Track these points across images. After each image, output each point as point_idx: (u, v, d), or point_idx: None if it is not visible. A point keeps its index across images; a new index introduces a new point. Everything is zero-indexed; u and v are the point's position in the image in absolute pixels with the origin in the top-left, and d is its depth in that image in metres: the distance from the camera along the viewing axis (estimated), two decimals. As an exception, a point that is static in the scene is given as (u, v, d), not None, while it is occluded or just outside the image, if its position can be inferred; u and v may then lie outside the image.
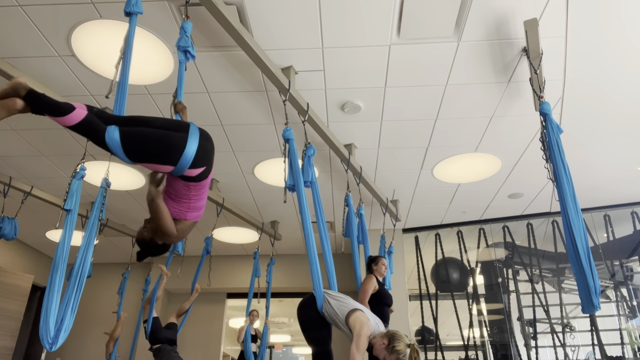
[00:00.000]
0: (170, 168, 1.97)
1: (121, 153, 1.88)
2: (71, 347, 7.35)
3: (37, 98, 1.77)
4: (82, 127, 1.83)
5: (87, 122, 1.83)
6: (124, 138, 1.87)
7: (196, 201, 2.14)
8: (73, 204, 3.35)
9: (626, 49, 3.34)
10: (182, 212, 2.12)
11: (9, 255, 7.07)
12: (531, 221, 6.34)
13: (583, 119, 4.14)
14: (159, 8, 2.98)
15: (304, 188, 3.31)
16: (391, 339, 2.74)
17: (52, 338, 2.90)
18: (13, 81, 1.76)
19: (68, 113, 1.78)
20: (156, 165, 1.96)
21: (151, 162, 1.94)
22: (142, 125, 1.96)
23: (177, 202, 2.10)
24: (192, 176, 2.04)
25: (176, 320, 5.16)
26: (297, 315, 3.24)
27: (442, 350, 6.25)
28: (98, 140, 1.87)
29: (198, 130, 2.06)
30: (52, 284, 3.00)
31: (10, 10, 3.00)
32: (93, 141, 1.89)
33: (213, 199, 5.21)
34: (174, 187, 2.09)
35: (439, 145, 4.56)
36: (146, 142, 1.92)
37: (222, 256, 7.89)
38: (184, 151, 1.95)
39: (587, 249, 2.63)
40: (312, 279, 3.10)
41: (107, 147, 1.88)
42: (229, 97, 3.85)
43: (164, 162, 1.95)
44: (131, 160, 1.92)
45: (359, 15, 3.05)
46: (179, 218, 2.12)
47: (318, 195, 3.48)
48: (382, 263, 4.03)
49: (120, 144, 1.86)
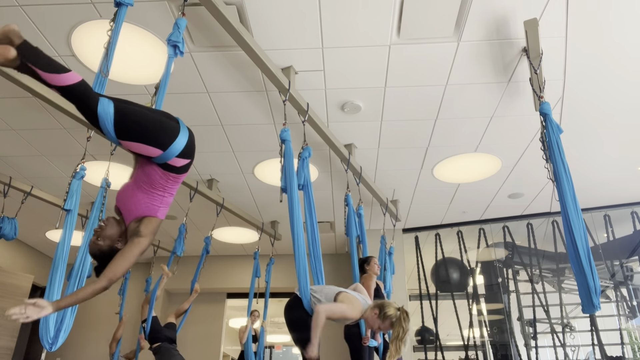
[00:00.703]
0: (158, 152, 1.88)
1: (111, 128, 1.76)
2: (71, 347, 7.35)
3: (32, 49, 1.59)
4: (75, 90, 1.67)
5: (82, 86, 1.68)
6: (118, 113, 1.76)
7: (169, 196, 2.02)
8: (73, 204, 3.36)
9: (626, 49, 3.34)
10: (155, 208, 1.96)
11: (9, 255, 7.07)
12: (531, 221, 6.34)
13: (583, 119, 4.14)
14: (158, 8, 2.98)
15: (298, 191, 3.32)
16: (381, 307, 2.87)
17: (52, 338, 2.90)
18: (5, 26, 1.55)
19: (63, 72, 1.63)
20: (144, 147, 1.85)
21: (141, 142, 1.84)
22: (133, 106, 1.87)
23: (149, 196, 1.95)
24: (176, 166, 1.96)
25: (175, 320, 5.16)
26: (284, 316, 3.18)
27: (442, 350, 6.25)
28: (89, 110, 1.72)
29: (186, 126, 2.01)
30: (52, 284, 3.00)
31: (10, 10, 3.00)
32: (82, 110, 1.74)
33: (213, 199, 5.21)
34: (149, 176, 1.95)
35: (439, 145, 4.56)
36: (140, 121, 1.83)
37: (222, 256, 7.89)
38: (176, 138, 1.90)
39: (587, 249, 2.63)
40: (299, 279, 3.07)
41: (97, 119, 1.74)
42: (229, 97, 3.85)
43: (154, 144, 1.85)
44: (118, 137, 1.81)
45: (359, 15, 3.05)
46: (150, 215, 1.94)
47: (311, 199, 3.45)
48: (374, 262, 4.12)
49: (113, 118, 1.75)
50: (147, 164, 1.96)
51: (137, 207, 1.93)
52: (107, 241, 1.89)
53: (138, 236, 1.87)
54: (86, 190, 5.36)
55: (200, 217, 6.15)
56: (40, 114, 4.06)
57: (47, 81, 1.61)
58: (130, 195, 1.96)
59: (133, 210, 1.94)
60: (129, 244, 1.86)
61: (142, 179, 1.95)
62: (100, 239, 1.88)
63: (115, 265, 1.78)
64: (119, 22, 2.43)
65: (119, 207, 1.99)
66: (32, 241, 7.29)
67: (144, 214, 1.92)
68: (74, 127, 4.18)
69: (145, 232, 1.89)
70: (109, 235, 1.88)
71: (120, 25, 2.43)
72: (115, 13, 2.45)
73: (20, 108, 4.00)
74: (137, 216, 1.93)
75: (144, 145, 1.84)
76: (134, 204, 1.94)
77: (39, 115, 4.08)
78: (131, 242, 1.86)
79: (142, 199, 1.93)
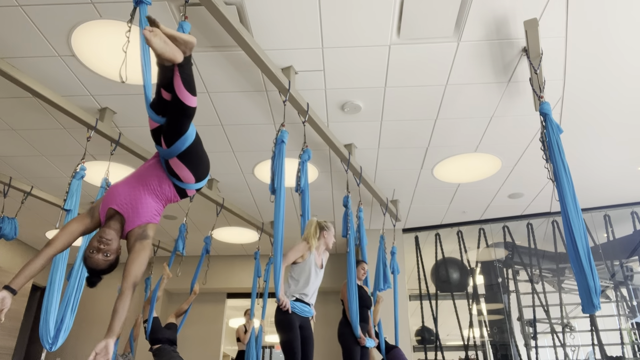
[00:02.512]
0: (192, 181, 2.06)
1: (182, 148, 1.91)
2: (71, 347, 7.34)
3: (190, 65, 1.79)
4: (190, 111, 1.85)
5: (195, 110, 1.88)
6: (196, 140, 1.95)
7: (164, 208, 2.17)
8: (73, 204, 3.36)
9: (626, 49, 3.34)
10: (157, 216, 2.05)
11: (9, 255, 7.07)
12: (531, 221, 6.35)
13: (583, 119, 4.14)
14: (158, 8, 2.97)
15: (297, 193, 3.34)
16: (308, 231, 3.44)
17: (52, 338, 2.90)
18: (191, 37, 1.79)
19: (194, 95, 1.83)
20: (189, 174, 2.02)
21: (191, 169, 2.01)
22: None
23: (158, 205, 2.05)
24: (187, 194, 2.14)
25: (175, 320, 5.17)
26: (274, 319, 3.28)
27: (442, 350, 6.25)
28: (182, 128, 1.89)
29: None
30: (52, 284, 3.01)
31: (10, 10, 2.99)
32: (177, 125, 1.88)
33: (213, 199, 5.21)
34: (163, 189, 2.06)
35: (439, 145, 4.56)
36: (202, 156, 2.05)
37: (222, 256, 7.89)
38: (206, 177, 2.13)
39: (587, 249, 2.63)
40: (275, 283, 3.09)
41: (179, 135, 1.89)
42: (229, 97, 3.85)
43: (196, 175, 2.04)
44: (179, 157, 1.95)
45: (359, 15, 3.05)
46: (152, 222, 2.01)
47: (307, 204, 3.47)
48: (361, 267, 4.26)
49: (191, 141, 1.92)
50: (165, 181, 2.06)
51: (146, 212, 1.98)
52: (114, 255, 1.93)
53: (147, 239, 1.94)
54: (86, 190, 5.36)
55: (200, 217, 6.15)
56: (40, 114, 4.06)
57: (177, 93, 1.78)
58: (140, 201, 1.98)
59: (142, 214, 1.97)
60: (140, 247, 1.91)
61: (155, 188, 2.04)
62: (110, 255, 1.91)
63: (135, 271, 1.85)
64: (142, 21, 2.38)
65: (118, 210, 1.96)
66: (32, 241, 7.29)
67: (149, 221, 1.99)
68: (74, 127, 4.18)
69: (151, 234, 1.98)
70: (115, 248, 1.93)
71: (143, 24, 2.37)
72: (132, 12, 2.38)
73: (20, 108, 4.00)
74: (143, 222, 1.97)
75: (190, 173, 2.02)
76: (144, 208, 1.98)
77: (39, 115, 4.08)
78: (141, 245, 1.91)
79: (152, 205, 2.01)
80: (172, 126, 1.88)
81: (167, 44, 1.70)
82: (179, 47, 1.75)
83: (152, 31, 1.66)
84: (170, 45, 1.72)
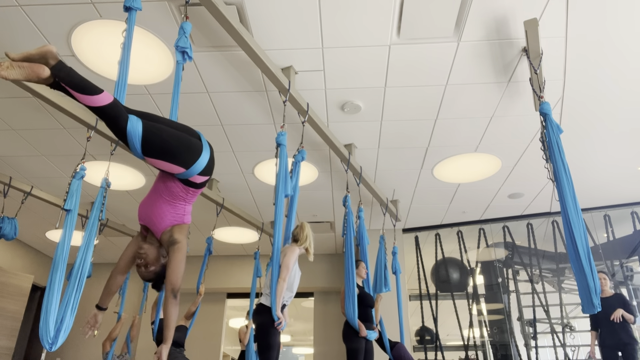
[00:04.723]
0: (181, 170, 1.97)
1: (138, 146, 1.83)
2: (71, 347, 7.35)
3: (66, 70, 1.63)
4: (108, 109, 1.72)
5: (115, 106, 1.74)
6: (146, 131, 1.83)
7: (189, 204, 2.14)
8: (73, 204, 3.35)
9: (626, 49, 3.34)
10: (180, 216, 2.08)
11: (9, 255, 7.07)
12: (531, 221, 6.35)
13: (583, 119, 4.14)
14: (158, 8, 2.98)
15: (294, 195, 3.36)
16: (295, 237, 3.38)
17: (52, 338, 2.90)
18: (43, 47, 1.62)
19: (99, 93, 1.67)
20: (169, 165, 1.94)
21: (166, 160, 1.92)
22: (159, 123, 1.94)
23: (173, 207, 2.06)
24: (196, 183, 2.06)
25: (185, 322, 5.18)
26: (253, 321, 3.27)
27: (442, 350, 6.25)
28: (119, 128, 1.79)
29: (207, 141, 2.11)
30: (52, 284, 3.00)
31: (10, 10, 3.00)
32: (113, 127, 1.80)
33: (213, 199, 5.21)
34: (170, 190, 2.06)
35: (439, 145, 4.56)
36: (167, 140, 1.90)
37: (222, 256, 7.88)
38: (200, 156, 1.99)
39: (587, 249, 2.63)
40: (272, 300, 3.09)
41: (126, 136, 1.80)
42: (229, 97, 3.85)
43: (178, 163, 1.95)
44: (144, 154, 1.88)
45: (359, 15, 3.05)
46: (179, 223, 2.06)
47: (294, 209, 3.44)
48: (362, 267, 4.28)
49: (141, 136, 1.81)
50: (169, 179, 2.06)
51: (164, 219, 2.04)
52: (156, 264, 2.04)
53: (175, 244, 2.00)
54: (86, 190, 5.36)
55: (200, 217, 6.15)
56: (40, 114, 4.06)
57: (80, 101, 1.68)
58: (153, 209, 2.06)
59: (159, 222, 2.04)
60: (172, 254, 2.00)
61: (164, 192, 2.06)
62: (150, 266, 2.03)
63: (173, 278, 1.96)
64: (130, 28, 2.39)
65: (144, 224, 2.09)
66: (32, 241, 7.29)
67: (172, 224, 2.04)
68: (74, 127, 4.18)
69: (180, 237, 2.01)
70: (153, 259, 2.03)
71: (132, 31, 2.40)
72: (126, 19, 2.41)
73: (20, 108, 4.00)
74: (165, 227, 2.04)
75: (168, 163, 1.93)
76: (159, 216, 2.04)
77: (39, 115, 4.08)
78: (172, 251, 2.00)
79: (167, 210, 2.04)
80: (112, 130, 1.82)
81: (23, 68, 1.59)
82: (40, 62, 1.61)
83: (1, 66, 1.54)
84: (26, 67, 1.59)
